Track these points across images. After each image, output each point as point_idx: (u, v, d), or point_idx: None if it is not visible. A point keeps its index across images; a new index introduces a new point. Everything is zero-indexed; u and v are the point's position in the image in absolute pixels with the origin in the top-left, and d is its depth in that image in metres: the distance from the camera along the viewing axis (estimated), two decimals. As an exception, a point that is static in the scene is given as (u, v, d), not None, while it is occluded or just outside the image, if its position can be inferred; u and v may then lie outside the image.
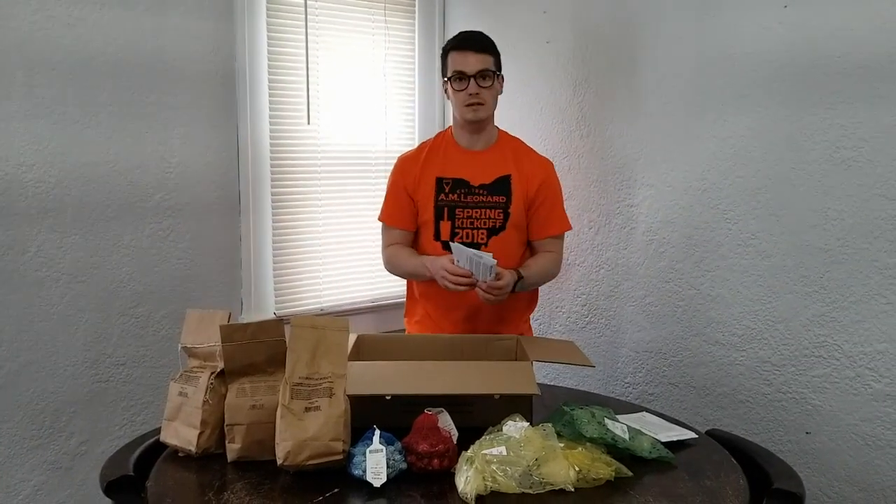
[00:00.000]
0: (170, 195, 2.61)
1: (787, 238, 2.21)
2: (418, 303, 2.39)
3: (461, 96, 2.21)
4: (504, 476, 1.45)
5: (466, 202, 2.26)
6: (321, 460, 1.50)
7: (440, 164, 2.30)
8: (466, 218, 2.26)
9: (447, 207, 2.26)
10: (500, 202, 2.26)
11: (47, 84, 2.34)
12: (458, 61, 2.21)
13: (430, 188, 2.28)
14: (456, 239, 2.24)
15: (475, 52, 2.21)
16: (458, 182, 2.28)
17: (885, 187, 2.00)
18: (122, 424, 2.58)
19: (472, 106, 2.21)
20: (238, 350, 1.62)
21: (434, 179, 2.28)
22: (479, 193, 2.27)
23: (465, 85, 2.20)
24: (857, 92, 2.03)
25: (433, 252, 2.27)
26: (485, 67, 2.20)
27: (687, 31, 2.42)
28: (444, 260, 2.13)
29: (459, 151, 2.32)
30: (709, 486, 1.53)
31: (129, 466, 1.61)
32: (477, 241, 2.25)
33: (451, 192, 2.27)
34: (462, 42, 2.24)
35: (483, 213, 2.26)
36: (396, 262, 2.34)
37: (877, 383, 2.05)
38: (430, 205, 2.27)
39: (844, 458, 2.13)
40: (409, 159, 2.36)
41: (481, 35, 2.26)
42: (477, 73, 2.19)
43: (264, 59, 2.81)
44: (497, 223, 2.25)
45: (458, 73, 2.20)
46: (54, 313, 2.41)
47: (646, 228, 2.61)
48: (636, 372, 2.69)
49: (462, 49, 2.22)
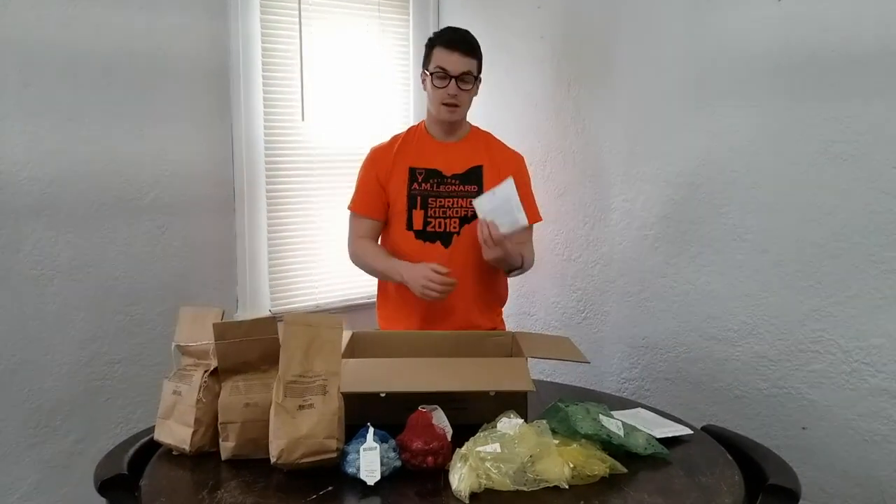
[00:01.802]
0: (164, 193, 2.60)
1: (782, 233, 2.21)
2: (390, 298, 2.37)
3: (440, 94, 2.22)
4: (498, 473, 1.45)
5: (439, 192, 2.28)
6: (315, 458, 1.49)
7: (413, 154, 2.32)
8: (439, 207, 2.27)
9: (420, 196, 2.28)
10: (473, 191, 2.26)
11: (41, 82, 2.33)
12: (443, 59, 2.21)
13: (402, 178, 2.29)
14: (429, 228, 2.26)
15: (462, 54, 2.21)
16: (430, 172, 2.29)
17: (880, 181, 2.00)
18: (118, 422, 2.57)
19: (449, 107, 2.23)
20: (231, 348, 1.61)
21: (407, 169, 2.30)
22: (451, 183, 2.28)
23: (445, 83, 2.20)
24: (851, 86, 2.03)
25: (404, 243, 2.28)
26: (468, 70, 2.22)
27: (681, 26, 2.41)
28: (426, 268, 2.13)
29: (432, 143, 2.33)
30: (704, 483, 1.53)
31: (123, 465, 1.61)
32: (449, 230, 2.27)
33: (423, 181, 2.29)
34: (450, 41, 2.23)
35: (455, 202, 2.27)
36: (365, 259, 2.34)
37: (873, 378, 2.05)
38: (403, 194, 2.28)
39: (841, 453, 2.13)
40: (381, 150, 2.36)
41: (469, 36, 2.26)
42: (459, 75, 2.20)
43: (258, 56, 2.80)
44: (469, 212, 2.25)
45: (441, 70, 2.21)
46: (49, 312, 2.41)
47: (641, 224, 2.60)
48: (632, 367, 2.69)
49: (449, 48, 2.21)
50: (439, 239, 2.28)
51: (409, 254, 2.26)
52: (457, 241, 2.27)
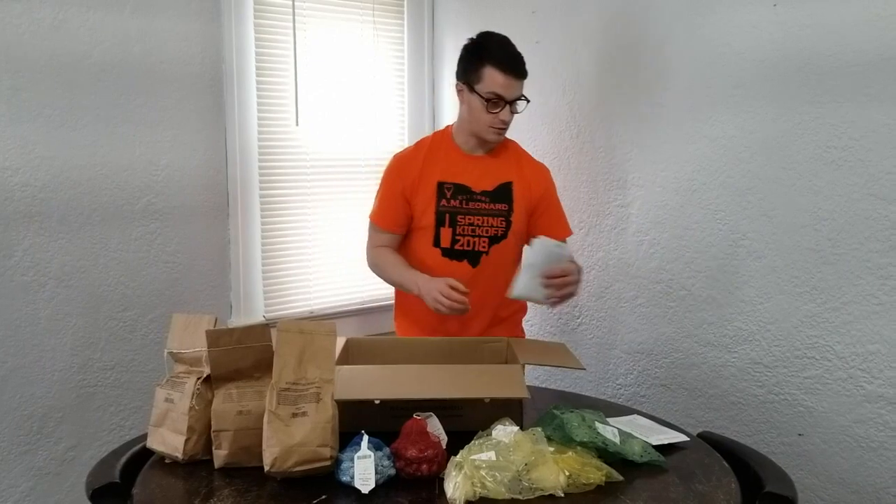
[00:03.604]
0: (158, 198, 2.59)
1: (778, 238, 2.21)
2: (407, 313, 2.34)
3: (490, 118, 2.13)
4: (493, 481, 1.44)
5: (468, 209, 2.21)
6: (309, 466, 1.48)
7: (441, 167, 2.23)
8: (468, 225, 2.21)
9: (448, 214, 2.21)
10: (503, 210, 2.21)
11: (33, 87, 2.32)
12: (498, 83, 2.10)
13: (430, 193, 2.21)
14: (457, 246, 2.21)
15: (517, 78, 2.12)
16: (459, 188, 2.22)
17: (875, 187, 1.99)
18: (111, 429, 2.56)
19: (498, 130, 2.16)
20: (224, 355, 1.60)
21: (435, 184, 2.22)
22: (480, 200, 2.21)
23: (499, 108, 2.12)
24: (847, 91, 2.03)
25: (429, 258, 2.23)
26: (521, 94, 2.15)
27: (677, 31, 2.41)
28: (441, 283, 2.04)
29: (461, 155, 2.25)
30: (700, 490, 1.52)
31: (115, 473, 1.60)
32: (478, 249, 2.21)
33: (452, 197, 2.21)
34: (508, 65, 2.11)
35: (485, 220, 2.21)
36: (383, 268, 2.28)
37: (869, 384, 2.05)
38: (431, 210, 2.21)
39: (837, 459, 2.12)
40: (406, 159, 2.27)
41: (521, 56, 2.15)
42: (513, 100, 2.13)
43: (252, 61, 2.79)
44: (499, 231, 2.21)
45: (497, 96, 2.10)
46: (41, 318, 2.39)
47: (636, 229, 2.60)
48: (627, 374, 2.68)
49: (506, 72, 2.10)
50: (467, 258, 2.22)
51: (433, 269, 2.19)
52: (485, 260, 2.22)
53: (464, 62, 2.19)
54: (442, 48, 3.30)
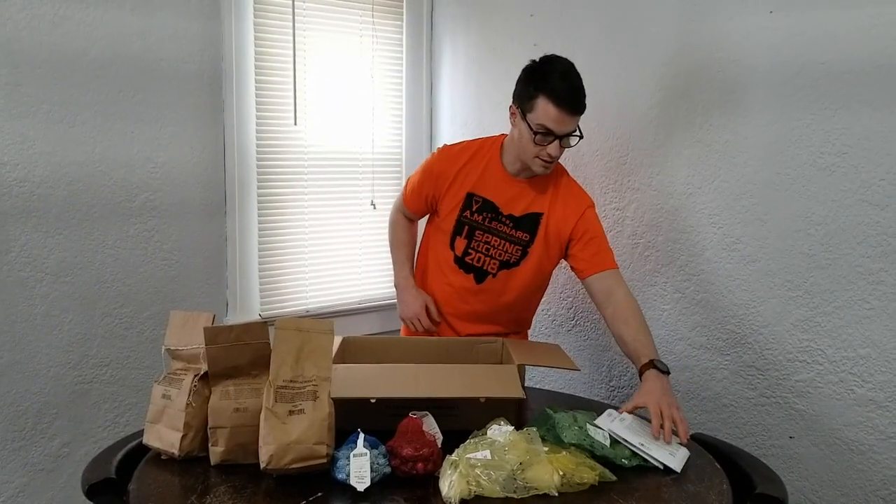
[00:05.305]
0: (155, 195, 2.59)
1: (771, 243, 2.22)
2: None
3: (537, 150, 2.03)
4: (488, 480, 1.45)
5: (490, 227, 2.18)
6: (305, 464, 1.49)
7: (476, 177, 2.19)
8: (484, 243, 2.19)
9: (468, 226, 2.19)
10: (523, 239, 2.17)
11: (32, 83, 2.32)
12: (550, 117, 1.97)
13: (457, 200, 2.20)
14: (467, 259, 2.21)
15: (572, 114, 1.99)
16: (487, 203, 2.18)
17: (868, 193, 2.01)
18: (106, 426, 2.56)
19: (544, 164, 2.07)
20: (222, 352, 1.61)
21: (465, 194, 2.19)
22: (504, 223, 2.18)
23: (548, 142, 2.01)
24: (840, 98, 2.05)
25: (443, 257, 2.26)
26: (574, 129, 2.04)
27: (673, 36, 2.43)
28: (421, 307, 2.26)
29: (501, 173, 2.18)
30: (692, 491, 1.54)
31: (111, 469, 1.60)
32: (487, 268, 2.20)
33: (477, 211, 2.19)
34: (568, 101, 1.97)
35: (502, 244, 2.18)
36: (392, 238, 2.43)
37: (860, 388, 2.06)
38: (453, 217, 2.21)
39: (827, 462, 2.14)
40: (447, 161, 2.23)
41: (583, 91, 2.00)
42: (565, 135, 2.02)
43: (251, 60, 2.80)
44: (513, 259, 2.19)
45: (547, 130, 1.99)
46: (37, 313, 2.40)
47: (631, 232, 2.61)
48: (621, 375, 2.70)
49: (561, 108, 1.97)
50: (473, 272, 2.22)
51: (442, 266, 2.26)
52: (490, 282, 2.21)
53: (520, 86, 2.08)
54: (440, 48, 3.31)
